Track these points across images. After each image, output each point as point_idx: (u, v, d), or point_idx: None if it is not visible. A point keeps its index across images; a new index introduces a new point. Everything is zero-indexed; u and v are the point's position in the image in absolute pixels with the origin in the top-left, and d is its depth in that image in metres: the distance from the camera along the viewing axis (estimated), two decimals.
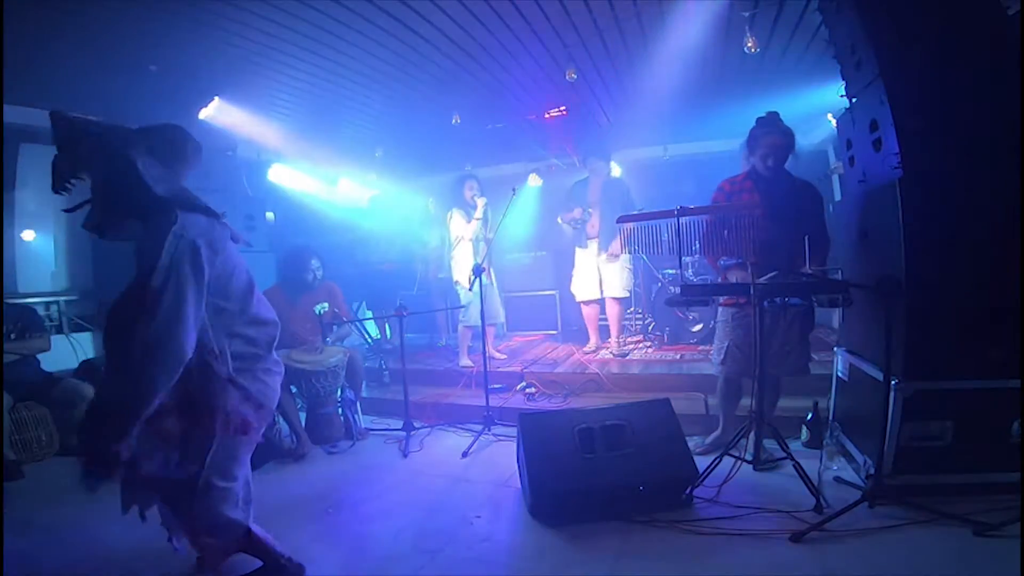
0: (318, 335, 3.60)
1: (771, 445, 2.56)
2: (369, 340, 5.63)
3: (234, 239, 1.73)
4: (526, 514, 2.36)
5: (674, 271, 4.78)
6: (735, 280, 2.66)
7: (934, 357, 2.17)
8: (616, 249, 4.29)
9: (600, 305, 4.61)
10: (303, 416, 3.47)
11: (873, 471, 2.17)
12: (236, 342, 1.59)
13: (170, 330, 1.38)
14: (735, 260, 2.68)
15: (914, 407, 2.15)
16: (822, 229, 2.66)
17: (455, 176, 4.66)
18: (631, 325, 5.48)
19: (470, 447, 3.19)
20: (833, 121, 4.38)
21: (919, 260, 2.15)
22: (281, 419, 3.29)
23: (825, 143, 5.40)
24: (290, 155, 5.64)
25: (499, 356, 4.76)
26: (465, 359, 4.51)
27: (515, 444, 2.69)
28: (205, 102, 4.26)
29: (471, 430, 3.46)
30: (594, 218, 4.45)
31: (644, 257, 4.99)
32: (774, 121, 2.68)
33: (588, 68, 4.27)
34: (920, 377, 2.16)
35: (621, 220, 2.57)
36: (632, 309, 5.47)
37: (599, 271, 4.50)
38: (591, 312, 4.67)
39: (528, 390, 4.04)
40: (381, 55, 3.85)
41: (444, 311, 5.41)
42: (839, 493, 2.27)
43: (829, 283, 2.31)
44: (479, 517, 2.36)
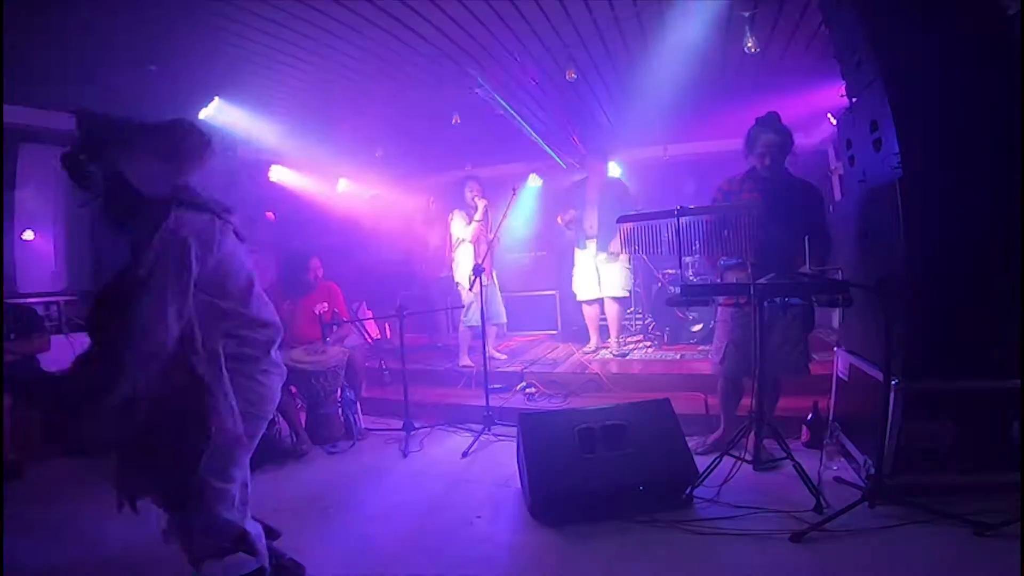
0: (318, 335, 3.60)
1: (771, 445, 2.57)
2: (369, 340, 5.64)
3: (240, 237, 1.72)
4: (526, 514, 2.36)
5: (674, 271, 4.78)
6: (734, 280, 2.66)
7: (934, 357, 2.16)
8: (617, 248, 4.29)
9: (600, 305, 4.62)
10: (303, 416, 3.47)
11: (873, 471, 2.17)
12: (232, 343, 1.57)
13: (146, 322, 1.37)
14: (735, 260, 2.68)
15: (914, 407, 2.15)
16: (822, 229, 2.65)
17: (455, 176, 4.66)
18: (631, 325, 5.49)
19: (470, 447, 3.19)
20: (833, 121, 4.39)
21: (919, 260, 2.15)
22: (281, 419, 3.29)
23: (825, 143, 5.40)
24: (290, 155, 5.63)
25: (499, 356, 4.76)
26: (465, 359, 4.51)
27: (515, 444, 2.69)
28: (205, 102, 4.26)
29: (471, 430, 3.46)
30: (592, 218, 4.45)
31: (644, 257, 4.99)
32: (771, 121, 2.68)
33: (588, 68, 4.27)
34: (920, 377, 2.16)
35: (621, 220, 2.57)
36: (632, 309, 5.47)
37: (597, 271, 4.51)
38: (592, 312, 4.68)
39: (528, 390, 4.04)
40: (381, 55, 3.85)
41: (444, 311, 5.42)
42: (839, 493, 2.26)
43: (829, 283, 2.31)
44: (479, 517, 2.36)
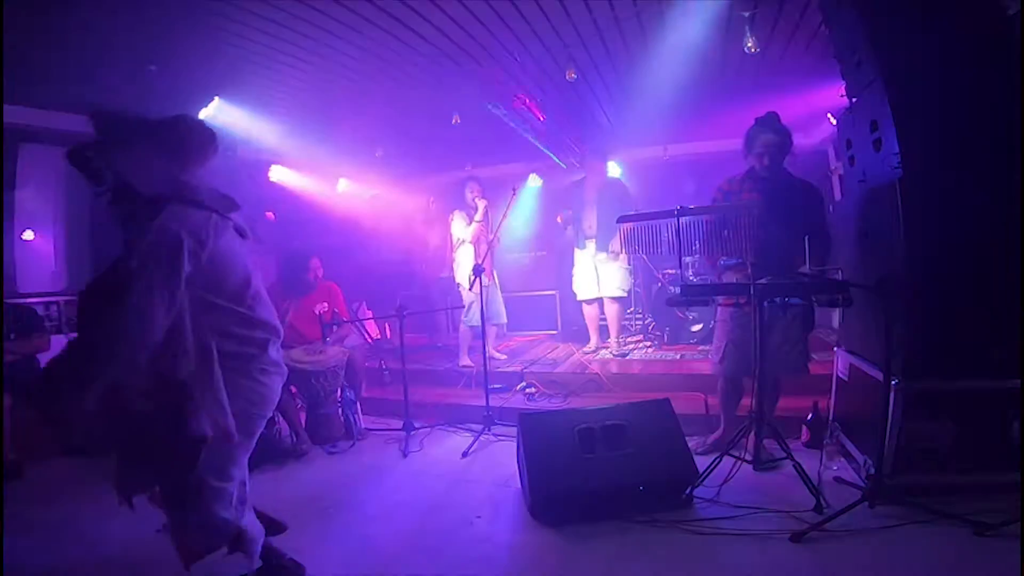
0: (318, 335, 3.60)
1: (771, 445, 2.56)
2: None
3: (242, 234, 1.71)
4: (526, 514, 2.36)
5: (674, 271, 4.78)
6: (733, 280, 2.66)
7: (934, 357, 2.16)
8: (617, 247, 4.29)
9: (600, 304, 4.61)
10: (303, 416, 3.47)
11: (873, 471, 2.17)
12: (229, 342, 1.56)
13: (134, 311, 1.37)
14: (735, 260, 2.68)
15: (914, 407, 2.15)
16: (822, 229, 2.65)
17: (455, 177, 4.66)
18: (631, 325, 5.48)
19: (470, 447, 3.19)
20: (833, 121, 4.38)
21: (919, 260, 2.15)
22: (281, 418, 3.29)
23: (825, 143, 5.40)
24: (290, 155, 5.63)
25: (499, 356, 4.76)
26: (465, 359, 4.51)
27: (515, 444, 2.69)
28: (205, 102, 4.25)
29: (471, 430, 3.46)
30: (591, 218, 4.45)
31: (644, 257, 4.99)
32: (770, 121, 2.68)
33: (588, 68, 4.27)
34: (920, 377, 2.16)
35: (621, 220, 2.57)
36: (632, 309, 5.47)
37: (596, 271, 4.51)
38: (591, 312, 4.68)
39: (528, 390, 4.03)
40: (381, 55, 3.85)
41: (444, 311, 5.41)
42: (839, 493, 2.26)
43: (829, 283, 2.31)
44: (479, 517, 2.36)
